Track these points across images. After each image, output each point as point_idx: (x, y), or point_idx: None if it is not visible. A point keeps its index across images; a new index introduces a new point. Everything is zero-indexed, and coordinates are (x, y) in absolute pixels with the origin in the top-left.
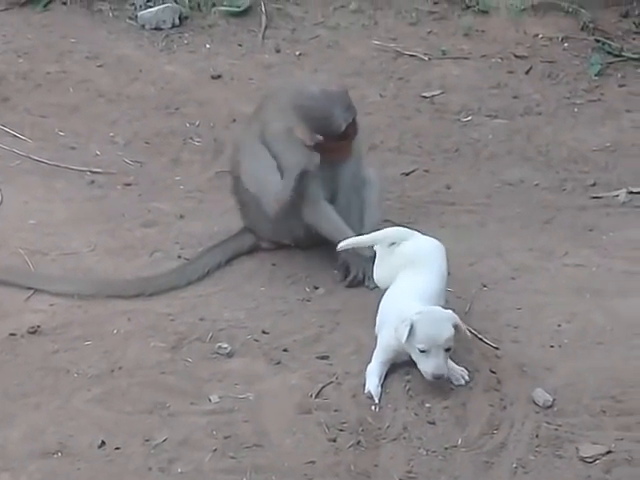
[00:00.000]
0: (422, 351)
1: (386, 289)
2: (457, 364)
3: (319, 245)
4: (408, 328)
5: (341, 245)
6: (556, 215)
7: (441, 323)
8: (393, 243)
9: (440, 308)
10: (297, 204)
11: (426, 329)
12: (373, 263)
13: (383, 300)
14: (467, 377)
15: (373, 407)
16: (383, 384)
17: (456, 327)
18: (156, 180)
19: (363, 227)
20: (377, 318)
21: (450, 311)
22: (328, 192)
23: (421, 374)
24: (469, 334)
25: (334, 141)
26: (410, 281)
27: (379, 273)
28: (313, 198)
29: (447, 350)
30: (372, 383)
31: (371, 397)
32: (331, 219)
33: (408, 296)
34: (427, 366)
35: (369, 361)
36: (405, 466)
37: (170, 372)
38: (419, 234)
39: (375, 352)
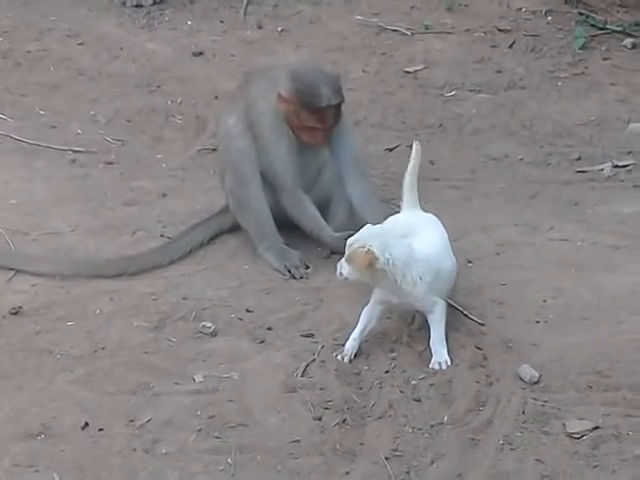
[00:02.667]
0: None
1: None
2: (448, 352)
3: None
4: None
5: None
6: (541, 190)
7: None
8: None
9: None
10: (274, 189)
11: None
12: None
13: None
14: (444, 366)
15: (340, 355)
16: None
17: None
18: (138, 158)
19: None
20: None
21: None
22: (307, 181)
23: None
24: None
25: (313, 115)
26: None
27: None
28: (290, 186)
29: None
30: (352, 335)
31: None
32: (308, 212)
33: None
34: None
35: None
36: (391, 444)
37: (153, 352)
38: None
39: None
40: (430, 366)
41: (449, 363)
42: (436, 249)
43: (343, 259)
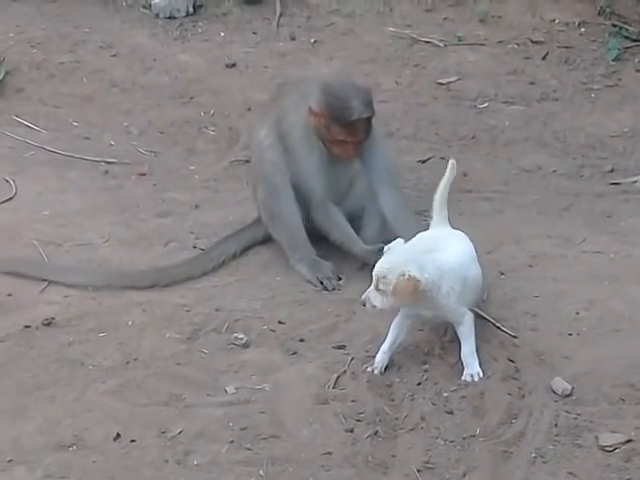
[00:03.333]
0: None
1: None
2: (480, 363)
3: None
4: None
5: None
6: (574, 202)
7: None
8: None
9: (424, 257)
10: (305, 201)
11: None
12: None
13: None
14: (477, 378)
15: (370, 367)
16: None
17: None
18: (171, 170)
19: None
20: None
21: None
22: (339, 193)
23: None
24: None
25: (344, 129)
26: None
27: None
28: (320, 198)
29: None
30: (382, 348)
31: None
32: (339, 224)
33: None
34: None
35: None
36: (423, 456)
37: (186, 363)
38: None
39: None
40: (462, 378)
41: (481, 375)
42: (461, 258)
43: (372, 290)
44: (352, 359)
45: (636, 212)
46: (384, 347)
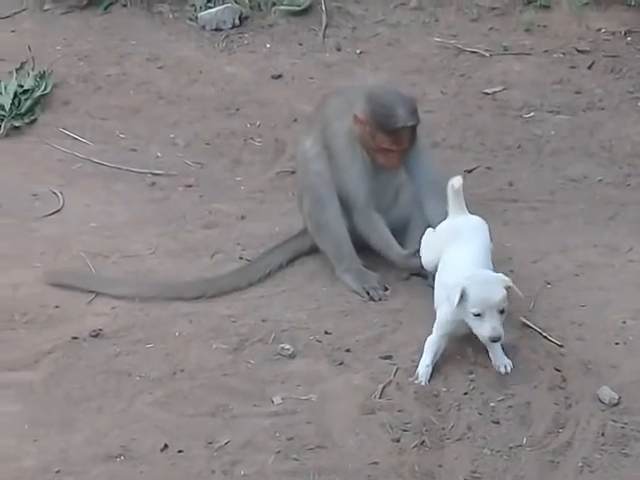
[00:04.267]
0: (476, 315)
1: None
2: (507, 355)
3: None
4: (459, 293)
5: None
6: (620, 211)
7: (492, 284)
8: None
9: (489, 271)
10: (349, 210)
11: (478, 292)
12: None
13: (437, 277)
14: (509, 369)
15: (416, 380)
16: (436, 364)
17: (508, 288)
18: (217, 181)
19: None
20: (434, 294)
21: (500, 274)
22: (384, 203)
23: (490, 362)
24: (521, 294)
25: (388, 137)
26: (455, 253)
27: (425, 256)
28: (362, 205)
29: (501, 312)
30: (424, 362)
31: (420, 379)
32: (379, 230)
33: (457, 265)
34: (483, 329)
35: None
36: (470, 466)
37: (232, 374)
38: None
39: (435, 325)
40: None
41: (511, 365)
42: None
43: (498, 320)
44: (398, 369)
45: None
46: (426, 361)
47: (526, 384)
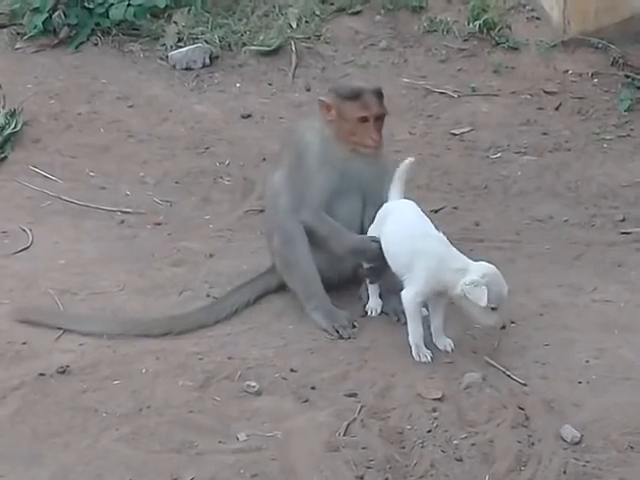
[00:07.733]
0: (493, 308)
1: None
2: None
3: (345, 282)
4: (486, 292)
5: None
6: (585, 251)
7: (501, 279)
8: None
9: (489, 265)
10: (297, 211)
11: (497, 290)
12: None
13: (384, 246)
14: (450, 348)
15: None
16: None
17: None
18: (186, 219)
19: None
20: (390, 261)
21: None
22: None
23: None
24: None
25: (356, 103)
26: (390, 224)
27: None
28: (316, 205)
29: None
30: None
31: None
32: (329, 222)
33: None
34: (495, 320)
35: (396, 397)
36: None
37: (198, 411)
38: None
39: (415, 284)
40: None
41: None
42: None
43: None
44: (362, 407)
45: None
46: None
47: (489, 422)
